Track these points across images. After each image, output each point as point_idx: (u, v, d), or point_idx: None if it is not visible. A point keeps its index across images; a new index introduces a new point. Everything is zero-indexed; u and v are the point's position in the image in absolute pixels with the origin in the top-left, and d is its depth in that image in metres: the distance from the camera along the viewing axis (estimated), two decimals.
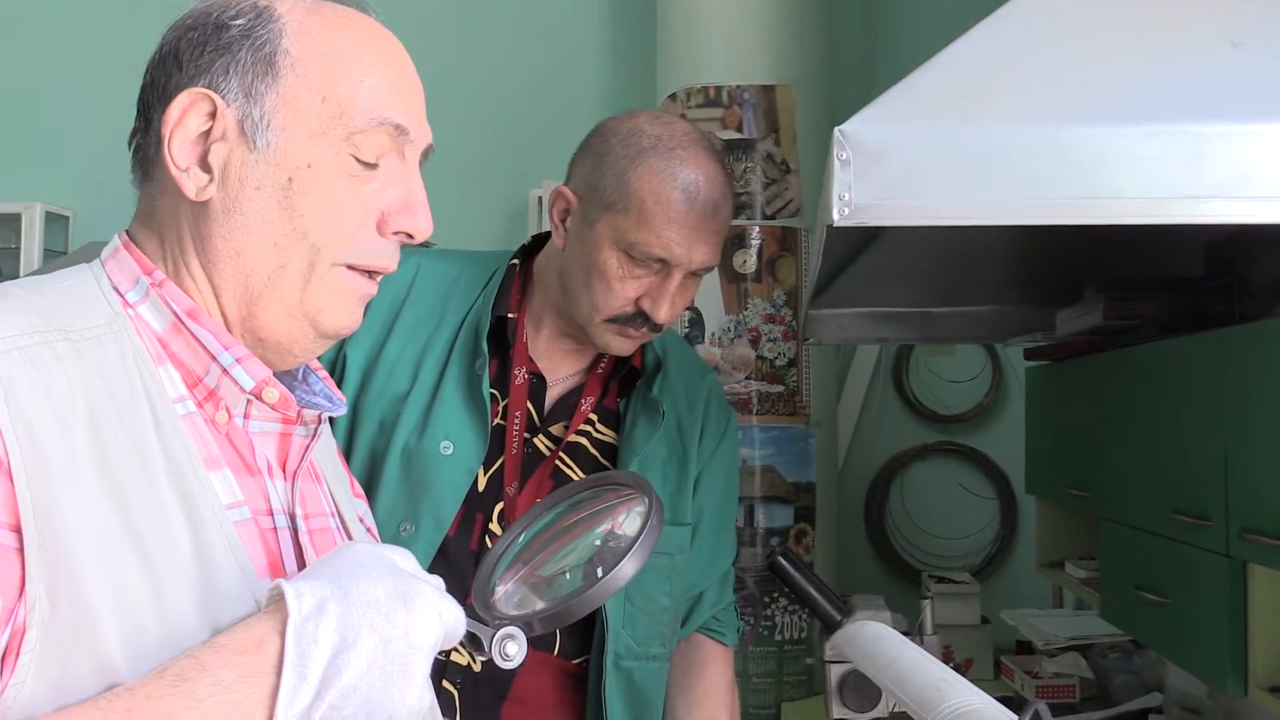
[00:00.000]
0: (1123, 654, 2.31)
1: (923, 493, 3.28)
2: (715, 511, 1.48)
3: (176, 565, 0.71)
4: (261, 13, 0.78)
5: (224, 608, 0.72)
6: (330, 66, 0.78)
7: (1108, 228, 0.87)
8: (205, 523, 0.73)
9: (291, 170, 0.77)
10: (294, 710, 0.66)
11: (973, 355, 3.27)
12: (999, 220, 0.84)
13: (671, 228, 1.28)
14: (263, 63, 0.77)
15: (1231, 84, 0.88)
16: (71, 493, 0.67)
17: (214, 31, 0.77)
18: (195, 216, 0.78)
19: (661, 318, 1.31)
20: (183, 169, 0.76)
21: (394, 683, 0.68)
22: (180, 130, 0.76)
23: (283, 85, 0.77)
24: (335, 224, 0.78)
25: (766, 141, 2.72)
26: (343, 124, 0.77)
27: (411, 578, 0.72)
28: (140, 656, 0.67)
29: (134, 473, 0.70)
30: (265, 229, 0.77)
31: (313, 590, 0.68)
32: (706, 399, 1.48)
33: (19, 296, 0.74)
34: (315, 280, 0.79)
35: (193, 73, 0.77)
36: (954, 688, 0.81)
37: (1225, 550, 1.33)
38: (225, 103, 0.76)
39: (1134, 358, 1.65)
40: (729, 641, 1.52)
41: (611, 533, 0.85)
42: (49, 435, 0.67)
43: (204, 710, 0.64)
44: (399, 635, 0.68)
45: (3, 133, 3.51)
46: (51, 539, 0.66)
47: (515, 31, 3.40)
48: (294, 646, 0.66)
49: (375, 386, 1.34)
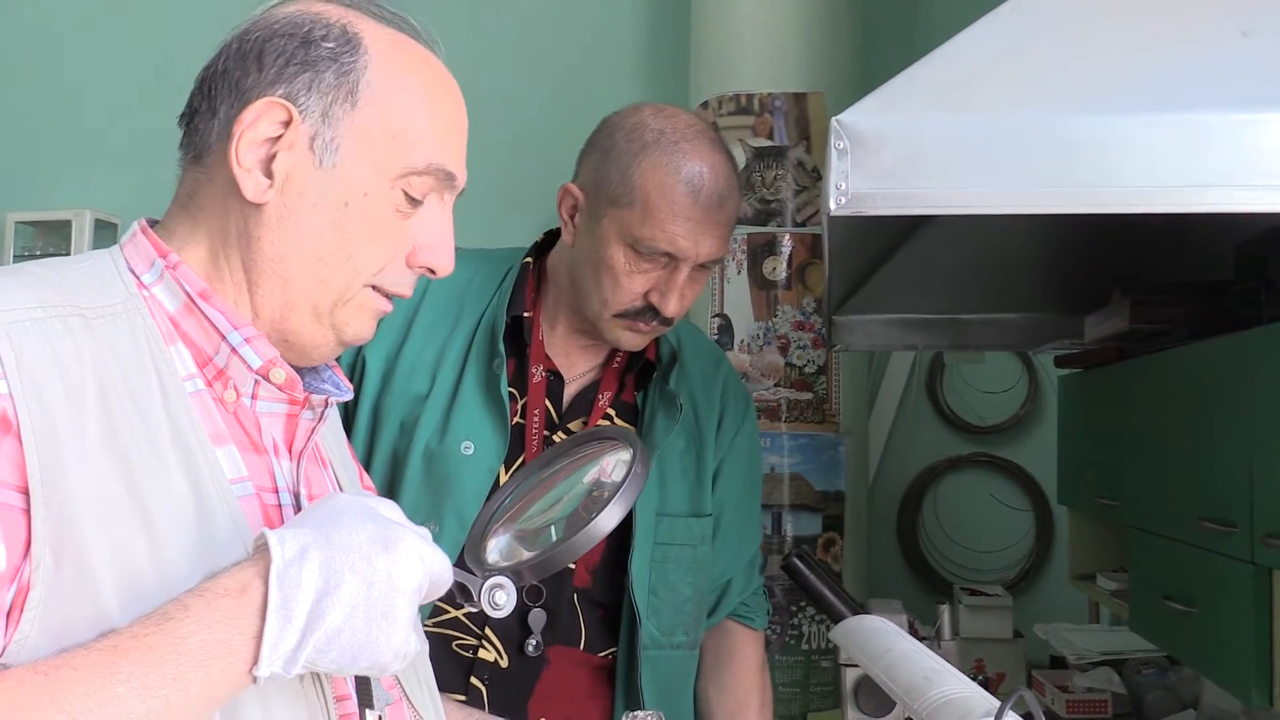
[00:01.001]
0: (1157, 670, 2.26)
1: (956, 505, 3.24)
2: (738, 499, 1.48)
3: (179, 532, 0.73)
4: (351, 39, 0.81)
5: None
6: (404, 108, 0.81)
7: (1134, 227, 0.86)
8: (209, 494, 0.75)
9: (349, 195, 0.80)
10: (279, 653, 0.68)
11: (1008, 366, 3.22)
12: (996, 209, 0.83)
13: (676, 222, 1.28)
14: (345, 89, 0.80)
15: (1238, 73, 0.86)
16: (78, 458, 0.69)
17: (303, 45, 0.80)
18: (247, 215, 0.80)
19: (670, 311, 1.32)
20: (245, 169, 0.79)
21: (377, 625, 0.69)
22: (250, 131, 0.79)
23: (359, 114, 0.80)
24: (376, 252, 0.82)
25: (798, 149, 2.72)
26: (404, 163, 0.81)
27: (393, 524, 0.74)
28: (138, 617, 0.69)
29: (140, 443, 0.73)
30: (314, 244, 0.80)
31: (295, 537, 0.70)
32: (723, 387, 1.49)
33: (36, 274, 0.77)
34: (347, 298, 0.82)
35: (273, 78, 0.79)
36: (943, 677, 0.80)
37: (1250, 558, 1.30)
38: (301, 117, 0.79)
39: (1161, 363, 1.62)
40: (757, 625, 1.53)
41: (598, 481, 0.86)
42: (57, 402, 0.70)
43: (186, 648, 0.66)
44: (381, 579, 0.70)
45: (53, 140, 3.60)
46: (57, 501, 0.68)
47: (548, 39, 3.42)
48: (277, 590, 0.68)
49: (395, 388, 1.36)
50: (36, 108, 3.61)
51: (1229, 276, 1.52)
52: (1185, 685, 2.19)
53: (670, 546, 1.39)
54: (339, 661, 0.70)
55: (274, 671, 0.68)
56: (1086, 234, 1.49)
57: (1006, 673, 2.64)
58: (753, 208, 2.71)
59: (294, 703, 0.76)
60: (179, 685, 0.66)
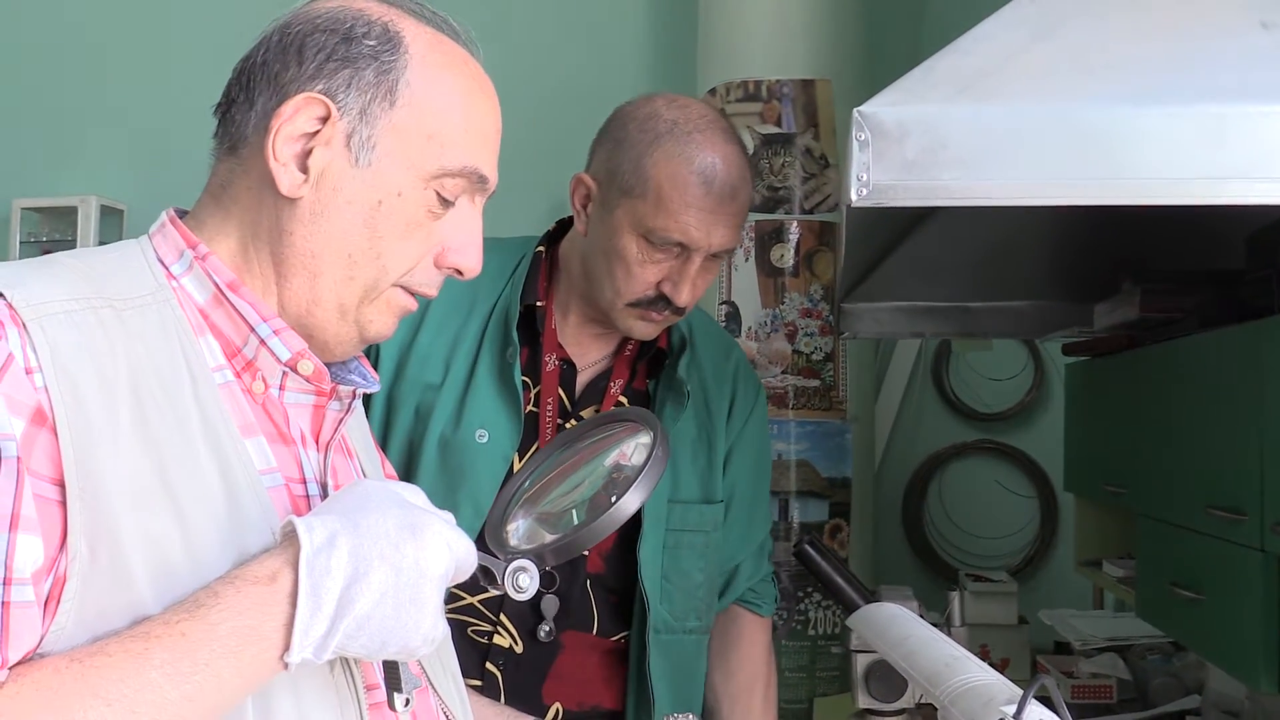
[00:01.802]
0: (1162, 656, 2.28)
1: (962, 491, 3.25)
2: (748, 485, 1.49)
3: (210, 523, 0.73)
4: (392, 38, 0.81)
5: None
6: (442, 109, 0.81)
7: (1145, 215, 0.86)
8: (239, 485, 0.76)
9: (384, 194, 0.80)
10: (310, 639, 0.69)
11: (1014, 353, 3.23)
12: (1017, 201, 0.84)
13: (689, 212, 1.28)
14: (385, 88, 0.80)
15: (1259, 65, 0.87)
16: (112, 450, 0.70)
17: (343, 42, 0.80)
18: (280, 209, 0.80)
19: (682, 301, 1.32)
20: (281, 163, 0.79)
21: (406, 611, 0.70)
22: (288, 125, 0.79)
23: (397, 114, 0.80)
24: (407, 252, 0.82)
25: (805, 136, 2.72)
26: (439, 164, 0.81)
27: (420, 510, 0.75)
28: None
29: (172, 434, 0.73)
30: (346, 241, 0.80)
31: (323, 524, 0.71)
32: (734, 375, 1.49)
33: (68, 265, 0.77)
34: (375, 295, 0.83)
35: (312, 73, 0.79)
36: (964, 664, 0.81)
37: (1260, 545, 1.31)
38: (339, 114, 0.79)
39: (1171, 352, 1.63)
40: (765, 612, 1.54)
41: (618, 464, 0.87)
42: (91, 394, 0.70)
43: (218, 634, 0.67)
44: (409, 564, 0.71)
45: (60, 127, 3.60)
46: (92, 493, 0.69)
47: (556, 28, 3.42)
48: (307, 578, 0.68)
49: (409, 376, 1.36)
50: (43, 94, 3.61)
51: (1240, 266, 1.52)
52: (1189, 671, 2.20)
53: (683, 533, 1.40)
54: (368, 647, 0.71)
55: (305, 658, 0.69)
56: (1096, 222, 1.49)
57: (1011, 658, 2.65)
58: (760, 195, 2.71)
59: (324, 690, 0.77)
60: (211, 671, 0.67)
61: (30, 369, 0.69)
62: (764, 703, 1.53)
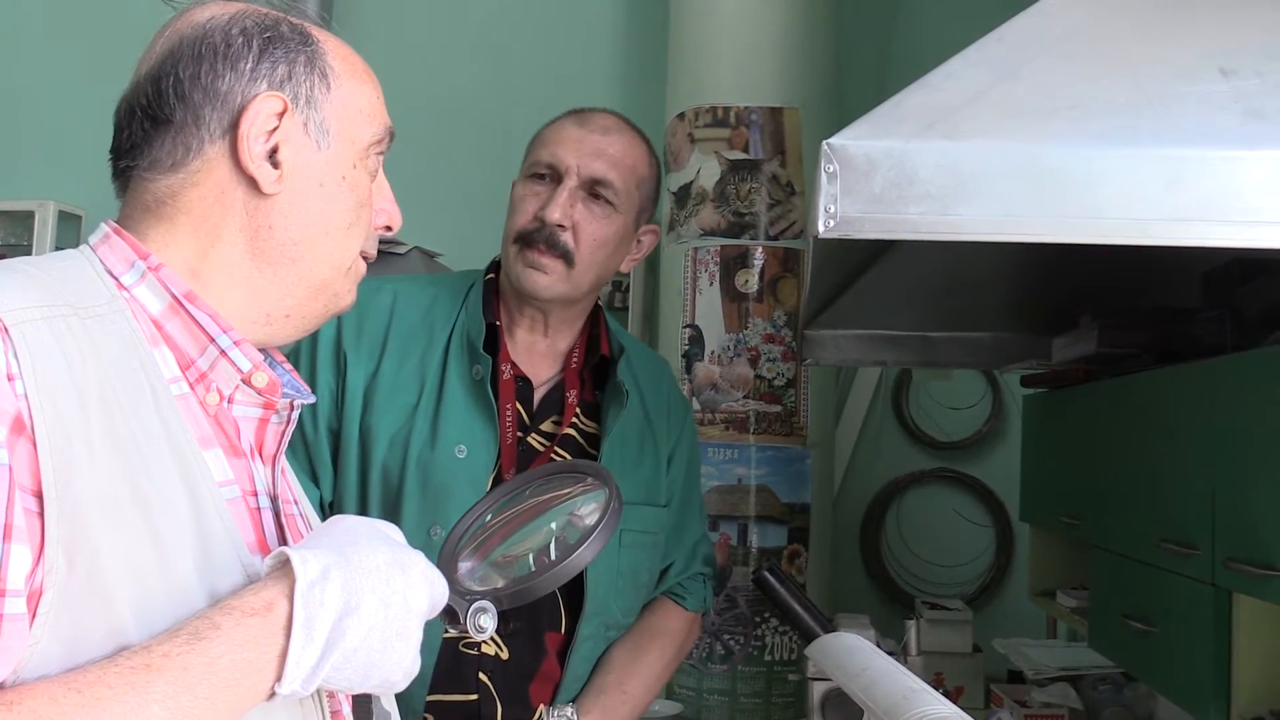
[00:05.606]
0: (1113, 686, 2.30)
1: (919, 519, 3.27)
2: (682, 489, 1.55)
3: (179, 535, 0.73)
4: (300, 30, 0.85)
5: (219, 579, 0.74)
6: (360, 84, 0.87)
7: (1103, 253, 0.88)
8: (202, 497, 0.76)
9: (344, 169, 0.85)
10: (300, 670, 0.69)
11: (973, 383, 3.26)
12: (982, 237, 0.85)
13: (558, 139, 1.42)
14: (318, 74, 0.84)
15: (1218, 110, 0.89)
16: (87, 461, 0.69)
17: (270, 40, 0.83)
18: (254, 209, 0.82)
19: (554, 218, 1.38)
20: (256, 164, 0.81)
21: (392, 646, 0.72)
22: (253, 127, 0.80)
23: (334, 95, 0.85)
24: (366, 218, 0.88)
25: (772, 163, 2.74)
26: (371, 131, 0.87)
27: (403, 547, 0.76)
28: (148, 621, 0.69)
29: (139, 445, 0.73)
30: (323, 221, 0.84)
31: (317, 557, 0.71)
32: (670, 385, 1.58)
33: (29, 273, 0.76)
34: (346, 266, 0.87)
35: (253, 74, 0.82)
36: (922, 696, 0.82)
37: (1211, 579, 1.33)
38: (293, 106, 0.83)
39: (1126, 386, 1.65)
40: (690, 606, 1.56)
41: (572, 518, 0.88)
42: (68, 403, 0.69)
43: (218, 668, 0.67)
44: (398, 600, 0.72)
45: (17, 131, 3.54)
46: (70, 504, 0.68)
47: (528, 50, 3.42)
48: (302, 609, 0.69)
49: (378, 406, 1.39)
50: None
51: (1196, 304, 1.55)
52: (1140, 702, 2.23)
53: (634, 533, 1.44)
54: (351, 679, 0.71)
55: (294, 689, 0.69)
56: (1056, 257, 1.51)
57: (965, 686, 2.66)
58: (726, 220, 2.73)
59: (292, 716, 0.77)
60: (210, 704, 0.67)
61: (11, 375, 0.68)
62: (657, 662, 1.49)
